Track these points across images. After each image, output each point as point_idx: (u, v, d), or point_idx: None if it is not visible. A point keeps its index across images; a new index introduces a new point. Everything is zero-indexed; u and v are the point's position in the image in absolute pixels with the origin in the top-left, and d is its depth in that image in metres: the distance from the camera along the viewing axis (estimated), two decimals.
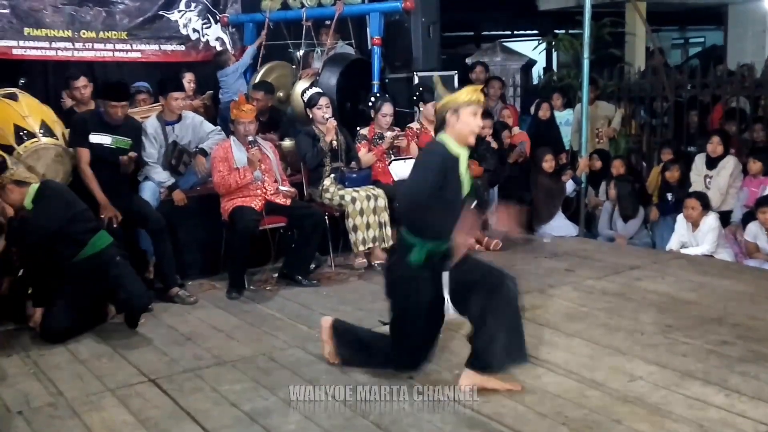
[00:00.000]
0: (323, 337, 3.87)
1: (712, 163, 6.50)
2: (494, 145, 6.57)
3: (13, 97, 5.08)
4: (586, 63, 6.70)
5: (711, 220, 5.96)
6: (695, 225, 6.00)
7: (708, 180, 6.50)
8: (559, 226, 6.80)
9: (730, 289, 4.92)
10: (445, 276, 3.41)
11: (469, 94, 3.45)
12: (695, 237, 6.01)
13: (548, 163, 6.80)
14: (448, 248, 3.36)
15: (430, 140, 3.73)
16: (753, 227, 5.76)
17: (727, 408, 3.22)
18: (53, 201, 4.42)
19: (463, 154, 3.46)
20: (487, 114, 6.83)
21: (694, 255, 5.87)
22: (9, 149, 4.85)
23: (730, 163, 6.43)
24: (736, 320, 4.30)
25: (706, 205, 5.99)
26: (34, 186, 4.39)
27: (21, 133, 4.90)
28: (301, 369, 3.81)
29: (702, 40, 17.42)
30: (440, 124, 3.50)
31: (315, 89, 6.02)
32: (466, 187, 3.49)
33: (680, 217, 6.13)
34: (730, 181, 6.39)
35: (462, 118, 3.40)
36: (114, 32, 6.94)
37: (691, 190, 6.36)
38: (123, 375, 3.84)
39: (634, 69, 8.87)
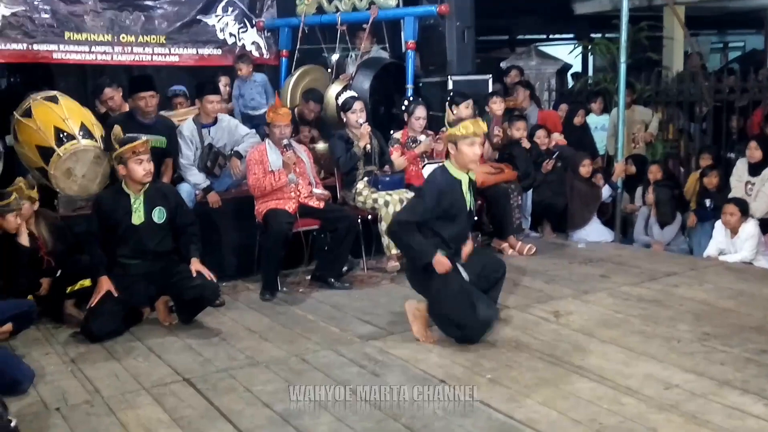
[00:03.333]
0: (411, 318, 4.24)
1: (754, 169, 6.37)
2: (526, 145, 6.53)
3: (53, 99, 5.18)
4: (623, 67, 6.62)
5: (750, 227, 5.84)
6: (734, 231, 5.89)
7: (749, 186, 6.36)
8: (595, 231, 6.73)
9: None
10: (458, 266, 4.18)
11: (466, 127, 4.05)
12: (734, 244, 5.90)
13: (585, 168, 6.73)
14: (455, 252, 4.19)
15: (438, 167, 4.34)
16: None
17: (766, 418, 3.15)
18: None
19: (464, 179, 4.19)
20: (521, 117, 6.81)
21: (733, 262, 5.76)
22: (50, 151, 4.95)
23: None
24: None
25: (744, 212, 5.88)
26: None
27: (61, 135, 4.99)
28: (333, 371, 3.82)
29: (742, 44, 17.14)
30: (447, 152, 4.24)
31: (349, 93, 6.03)
32: (468, 204, 4.23)
33: (718, 224, 6.02)
34: None
35: (460, 149, 4.08)
36: (153, 36, 7.04)
37: (730, 196, 6.25)
38: (158, 374, 3.88)
39: (672, 73, 8.75)
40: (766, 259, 5.81)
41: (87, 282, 4.71)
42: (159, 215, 4.62)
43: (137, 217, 4.57)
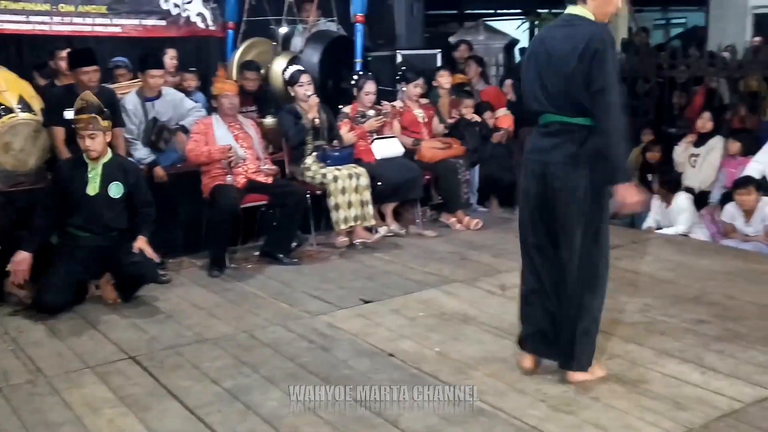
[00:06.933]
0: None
1: (698, 141, 6.55)
2: (472, 118, 6.57)
3: None
4: None
5: (682, 200, 6.03)
6: (668, 203, 6.09)
7: (693, 159, 6.55)
8: None
9: (708, 269, 4.98)
10: None
11: None
12: (669, 217, 6.09)
13: None
14: None
15: (570, 17, 3.23)
16: (730, 208, 5.83)
17: (703, 386, 3.27)
18: None
19: None
20: (468, 94, 6.84)
21: (673, 234, 5.93)
22: None
23: (720, 143, 6.47)
24: (713, 299, 4.36)
25: (678, 185, 6.08)
26: None
27: None
28: (282, 346, 3.81)
29: (684, 21, 17.46)
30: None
31: (296, 67, 5.98)
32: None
33: (654, 198, 6.22)
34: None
35: None
36: (93, 6, 6.82)
37: (678, 170, 6.46)
38: (103, 352, 3.82)
39: (617, 49, 8.88)
40: (703, 231, 6.00)
41: None
42: (116, 190, 4.56)
43: (92, 188, 4.51)
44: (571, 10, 3.24)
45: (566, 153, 3.16)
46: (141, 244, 4.52)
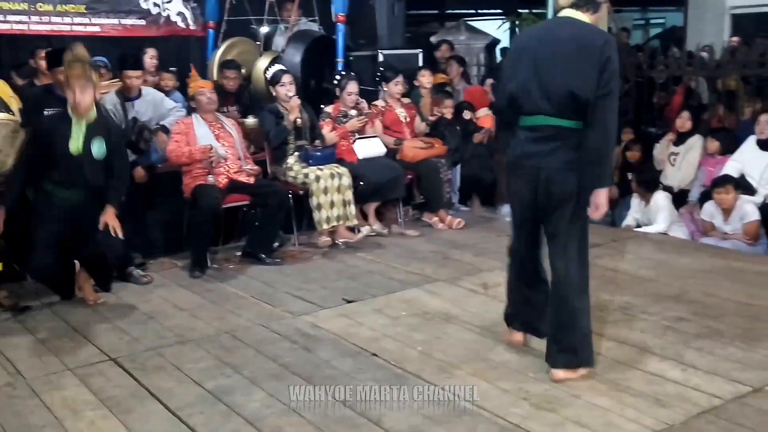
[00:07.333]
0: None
1: (678, 140, 6.61)
2: (449, 115, 6.59)
3: None
4: None
5: (660, 199, 6.09)
6: (647, 202, 6.15)
7: (673, 158, 6.60)
8: None
9: (687, 267, 5.03)
10: None
11: None
12: (648, 215, 6.14)
13: None
14: None
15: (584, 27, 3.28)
16: (709, 207, 5.89)
17: (683, 383, 3.30)
18: None
19: None
20: (448, 94, 6.86)
21: (653, 233, 5.98)
22: None
23: (699, 142, 6.53)
24: (693, 297, 4.40)
25: (655, 184, 6.14)
26: None
27: None
28: (264, 347, 3.80)
29: (662, 21, 17.61)
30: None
31: (278, 66, 5.97)
32: None
33: (634, 197, 6.28)
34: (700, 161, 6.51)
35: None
36: (72, 5, 6.76)
37: (658, 169, 6.51)
38: (84, 354, 3.79)
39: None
40: (682, 229, 6.06)
41: None
42: (98, 147, 4.37)
43: (74, 145, 4.33)
44: (569, 13, 3.28)
45: (564, 159, 3.20)
46: (108, 218, 4.37)
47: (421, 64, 7.19)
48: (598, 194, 3.23)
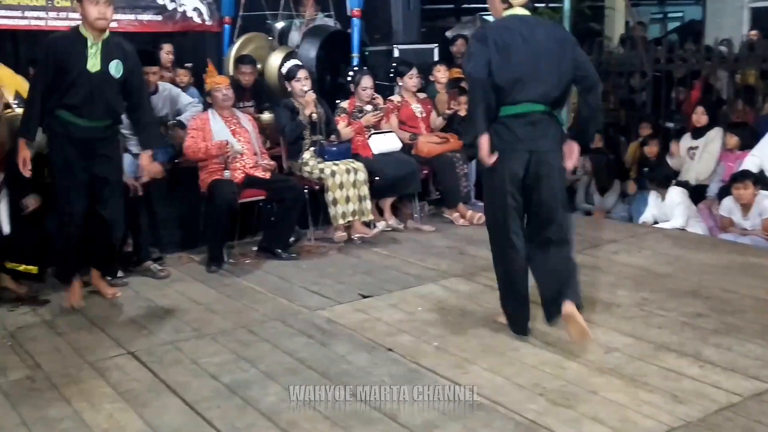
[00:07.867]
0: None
1: (696, 134, 6.55)
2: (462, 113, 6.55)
3: None
4: None
5: (676, 195, 6.05)
6: (663, 198, 6.12)
7: (692, 152, 6.55)
8: None
9: (705, 263, 4.99)
10: None
11: None
12: (665, 211, 6.10)
13: None
14: None
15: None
16: (728, 202, 5.84)
17: (700, 379, 3.28)
18: None
19: None
20: (462, 91, 6.82)
21: (670, 229, 5.94)
22: None
23: (719, 134, 6.47)
24: (711, 293, 4.37)
25: (668, 180, 6.12)
26: None
27: None
28: (280, 342, 3.82)
29: (681, 14, 17.45)
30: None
31: (293, 61, 5.97)
32: None
33: (652, 192, 6.22)
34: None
35: None
36: None
37: (672, 165, 6.46)
38: (102, 348, 3.82)
39: (613, 43, 8.88)
40: (700, 225, 6.01)
41: (33, 269, 4.50)
42: (116, 68, 4.21)
43: (92, 65, 4.14)
44: (523, 11, 3.66)
45: (553, 140, 3.63)
46: (145, 163, 4.34)
47: (436, 58, 7.16)
48: (573, 147, 3.67)
